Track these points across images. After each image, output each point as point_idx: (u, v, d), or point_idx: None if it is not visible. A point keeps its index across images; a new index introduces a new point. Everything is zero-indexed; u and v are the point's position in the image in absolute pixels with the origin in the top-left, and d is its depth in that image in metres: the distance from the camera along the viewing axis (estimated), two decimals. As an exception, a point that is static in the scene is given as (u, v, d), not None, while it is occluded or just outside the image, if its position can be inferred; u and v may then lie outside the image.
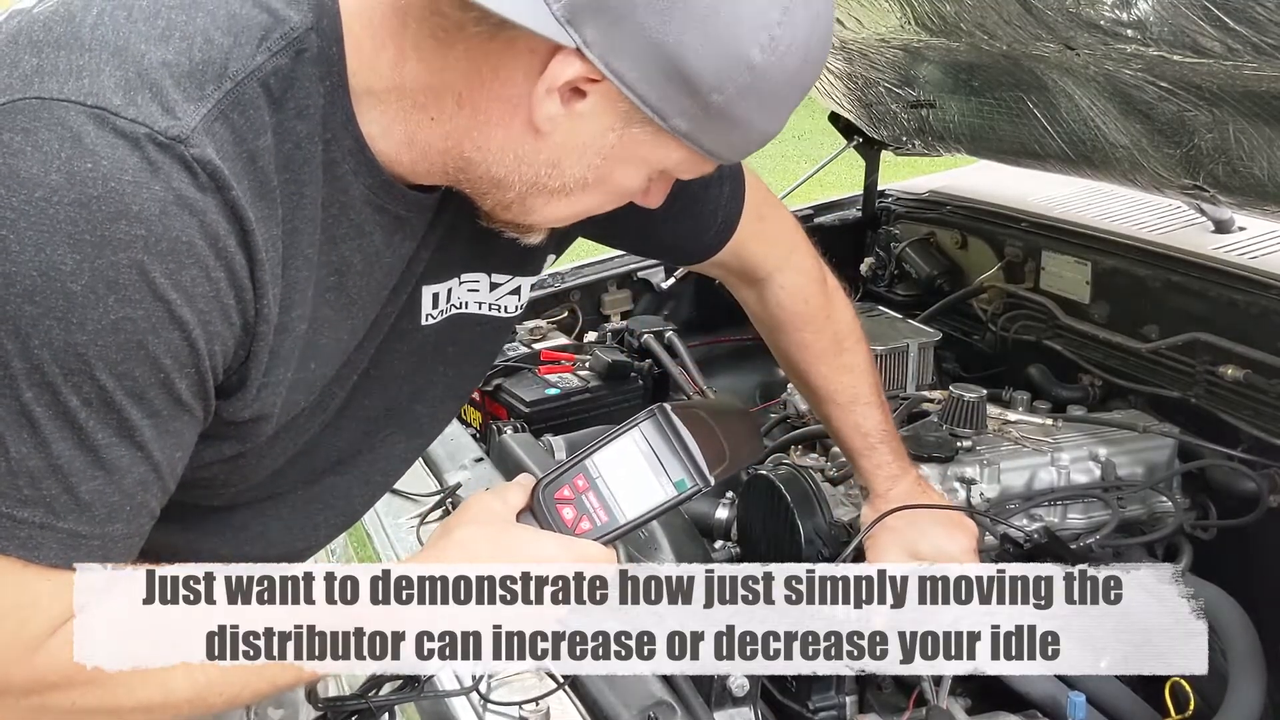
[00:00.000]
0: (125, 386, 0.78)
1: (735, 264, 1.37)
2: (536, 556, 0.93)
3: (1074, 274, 2.13)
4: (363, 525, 1.64)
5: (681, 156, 0.92)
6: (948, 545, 1.37)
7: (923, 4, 1.63)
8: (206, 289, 0.80)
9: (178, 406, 0.82)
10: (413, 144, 0.91)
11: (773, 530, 1.58)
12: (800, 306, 1.41)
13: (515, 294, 1.14)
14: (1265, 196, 1.54)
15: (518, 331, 2.34)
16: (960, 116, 2.10)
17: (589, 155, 0.90)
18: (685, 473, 0.95)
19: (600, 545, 0.95)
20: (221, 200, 0.79)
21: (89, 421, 0.78)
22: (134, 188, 0.76)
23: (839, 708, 1.39)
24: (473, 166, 0.91)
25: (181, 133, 0.78)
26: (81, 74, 0.78)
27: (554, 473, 0.97)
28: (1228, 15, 1.18)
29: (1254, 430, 1.72)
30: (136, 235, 0.76)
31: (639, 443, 0.96)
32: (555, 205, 0.94)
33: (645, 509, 0.95)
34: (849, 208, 2.74)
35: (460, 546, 0.93)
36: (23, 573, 0.79)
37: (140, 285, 0.76)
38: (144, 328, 0.77)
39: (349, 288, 0.94)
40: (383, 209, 0.94)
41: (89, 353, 0.76)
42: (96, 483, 0.80)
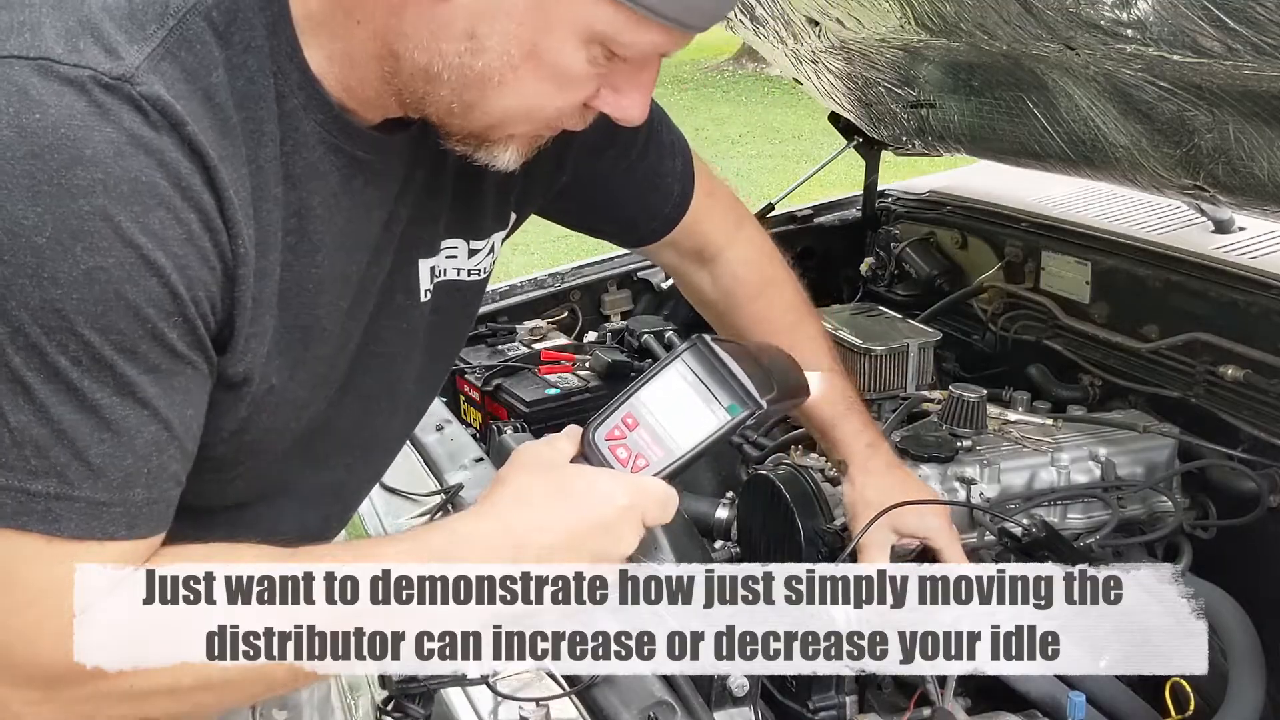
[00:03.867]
0: (112, 341, 0.77)
1: (689, 243, 1.37)
2: (595, 493, 0.91)
3: (1074, 274, 2.13)
4: (363, 525, 1.64)
5: (610, 14, 0.84)
6: (929, 519, 1.39)
7: (923, 4, 1.63)
8: (178, 231, 0.78)
9: (175, 359, 0.81)
10: (354, 62, 0.89)
11: (773, 530, 1.58)
12: (755, 275, 1.41)
13: (491, 253, 1.13)
14: (1265, 196, 1.54)
15: (517, 332, 2.34)
16: (960, 116, 2.10)
17: (503, 21, 0.84)
18: (735, 398, 0.92)
19: (661, 480, 0.93)
20: (178, 138, 0.78)
21: (83, 381, 0.77)
22: (84, 131, 0.75)
23: (839, 708, 1.39)
24: (401, 63, 0.88)
25: (126, 72, 0.77)
26: (23, 29, 0.77)
27: (601, 415, 0.94)
28: (1228, 15, 1.18)
29: (1254, 430, 1.72)
30: (95, 179, 0.75)
31: (684, 374, 0.93)
32: (495, 97, 0.88)
33: (700, 438, 0.92)
34: (849, 208, 2.74)
35: (515, 493, 0.91)
36: (48, 549, 0.78)
37: (106, 231, 0.75)
38: (118, 276, 0.76)
39: (309, 232, 0.92)
40: (338, 149, 0.91)
41: (66, 307, 0.75)
42: (105, 445, 0.78)
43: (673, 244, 1.36)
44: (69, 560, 0.79)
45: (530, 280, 2.47)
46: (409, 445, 1.81)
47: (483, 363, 2.22)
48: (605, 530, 0.91)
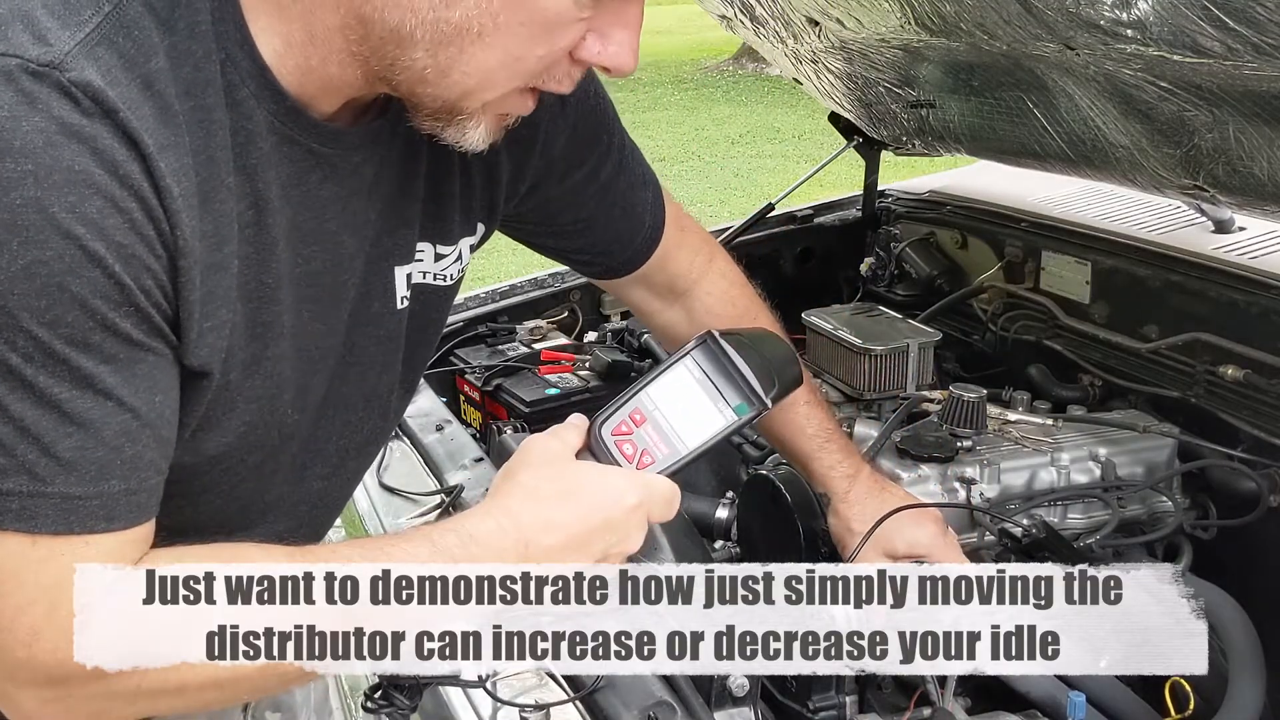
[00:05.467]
0: (61, 335, 0.76)
1: (661, 278, 1.35)
2: (604, 492, 0.91)
3: (1074, 274, 2.13)
4: (363, 525, 1.64)
5: None
6: (919, 535, 1.36)
7: (923, 4, 1.63)
8: (118, 220, 0.77)
9: (133, 348, 0.79)
10: (313, 38, 0.86)
11: (773, 530, 1.58)
12: (729, 309, 1.39)
13: (459, 260, 1.12)
14: (1265, 196, 1.54)
15: (517, 332, 2.34)
16: (960, 116, 2.10)
17: None
18: (743, 397, 0.93)
19: (666, 479, 0.93)
20: (112, 125, 0.76)
21: (38, 377, 0.76)
22: (12, 121, 0.73)
23: (839, 708, 1.39)
24: (371, 27, 0.84)
25: (55, 58, 0.75)
26: None
27: (609, 409, 0.94)
28: (1228, 15, 1.18)
29: (1254, 430, 1.72)
30: (25, 171, 0.73)
31: (692, 370, 0.94)
32: (474, 51, 0.84)
33: (706, 437, 0.93)
34: (849, 208, 2.74)
35: (524, 490, 0.91)
36: (33, 550, 0.78)
37: (41, 223, 0.74)
38: (59, 269, 0.75)
39: (267, 224, 0.89)
40: (292, 140, 0.89)
41: (9, 303, 0.74)
42: (73, 439, 0.77)
43: (644, 279, 1.34)
44: (56, 558, 0.78)
45: (530, 280, 2.47)
46: (409, 445, 1.81)
47: (483, 363, 2.22)
48: (613, 529, 0.91)
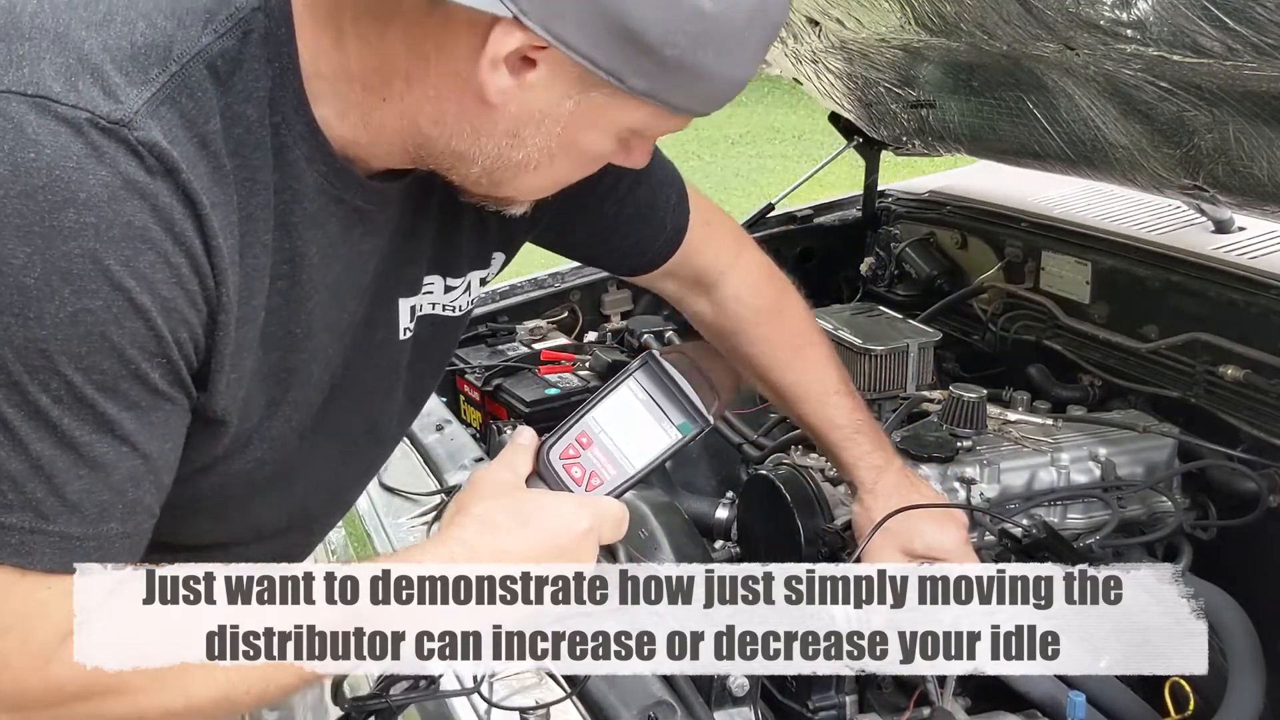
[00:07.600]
0: (94, 380, 0.77)
1: (688, 272, 1.37)
2: (557, 519, 0.92)
3: (1074, 274, 2.13)
4: (363, 525, 1.64)
5: (647, 114, 0.89)
6: (940, 539, 1.35)
7: (923, 4, 1.63)
8: (167, 274, 0.78)
9: (156, 396, 0.81)
10: (368, 125, 0.89)
11: (773, 530, 1.58)
12: (758, 300, 1.40)
13: (467, 292, 1.13)
14: (1265, 196, 1.54)
15: (517, 332, 2.34)
16: (960, 116, 2.10)
17: (548, 124, 0.87)
18: (686, 416, 0.95)
19: (615, 500, 0.95)
20: (173, 184, 0.78)
21: (63, 419, 0.77)
22: (79, 174, 0.74)
23: (839, 708, 1.39)
24: (432, 143, 0.89)
25: (125, 116, 0.76)
26: (21, 63, 0.76)
27: (556, 434, 0.96)
28: (1228, 15, 1.18)
29: (1254, 430, 1.72)
30: (86, 223, 0.74)
31: (636, 392, 0.96)
32: (526, 178, 0.92)
33: (652, 456, 0.95)
34: (849, 208, 2.74)
35: (480, 522, 0.92)
36: (21, 582, 0.79)
37: (95, 274, 0.75)
38: (104, 318, 0.76)
39: (301, 280, 0.92)
40: (339, 199, 0.92)
41: (50, 347, 0.75)
42: (82, 481, 0.79)
43: (671, 273, 1.36)
44: (40, 591, 0.79)
45: (530, 280, 2.47)
46: (409, 445, 1.81)
47: (483, 363, 2.22)
48: (566, 554, 0.92)
